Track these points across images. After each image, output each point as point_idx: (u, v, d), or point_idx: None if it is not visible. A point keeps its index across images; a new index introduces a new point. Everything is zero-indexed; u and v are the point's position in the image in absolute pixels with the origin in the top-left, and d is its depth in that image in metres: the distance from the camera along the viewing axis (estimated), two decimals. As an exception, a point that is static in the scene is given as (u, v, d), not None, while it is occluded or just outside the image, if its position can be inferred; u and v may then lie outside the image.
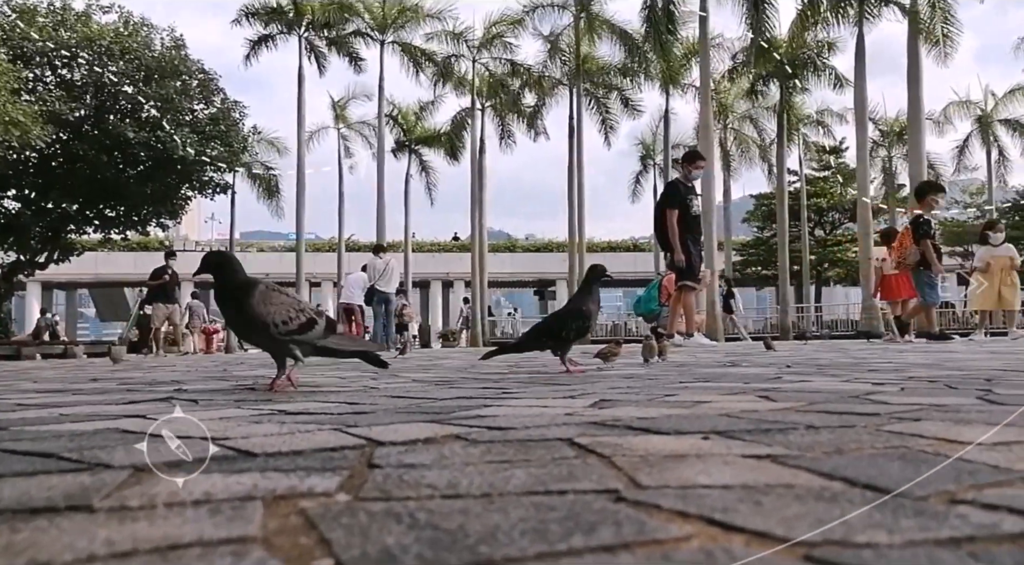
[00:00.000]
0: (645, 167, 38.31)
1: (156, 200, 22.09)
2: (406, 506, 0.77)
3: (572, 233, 31.04)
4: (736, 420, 1.48)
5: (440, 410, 1.81)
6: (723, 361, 5.27)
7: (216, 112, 22.49)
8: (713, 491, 0.83)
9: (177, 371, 5.22)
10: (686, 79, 31.81)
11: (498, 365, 5.26)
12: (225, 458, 1.08)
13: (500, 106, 33.85)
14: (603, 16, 29.20)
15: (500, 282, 44.89)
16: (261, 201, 35.90)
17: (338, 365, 5.71)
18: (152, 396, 2.48)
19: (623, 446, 1.15)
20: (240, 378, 3.77)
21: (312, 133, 35.67)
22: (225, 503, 0.78)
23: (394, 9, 31.24)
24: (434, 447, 1.18)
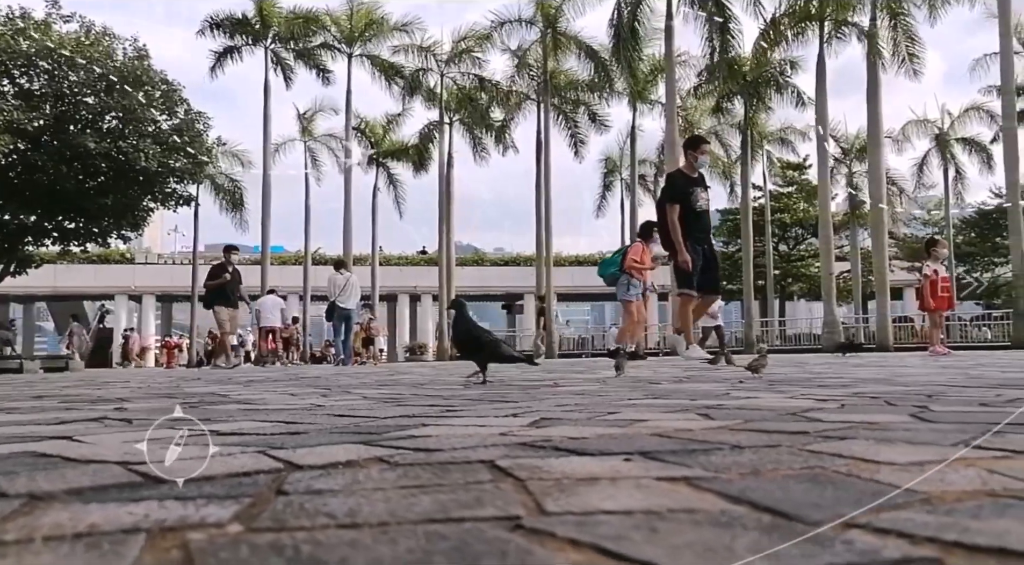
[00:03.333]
0: (610, 183, 38.58)
1: (117, 212, 21.70)
2: (294, 537, 0.76)
3: (540, 247, 31.12)
4: (666, 440, 1.48)
5: (376, 430, 1.79)
6: (681, 376, 5.30)
7: (180, 123, 22.21)
8: (613, 517, 0.83)
9: (129, 387, 5.12)
10: (653, 95, 32.17)
11: (456, 381, 5.24)
12: (130, 485, 1.05)
13: (468, 120, 33.91)
14: (570, 32, 29.43)
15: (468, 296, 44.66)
16: (225, 213, 35.52)
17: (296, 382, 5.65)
18: (87, 416, 2.42)
19: (542, 469, 1.15)
20: (188, 396, 3.71)
21: (278, 145, 35.45)
22: (107, 536, 0.76)
23: (361, 22, 31.21)
24: (351, 471, 1.16)
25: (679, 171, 7.87)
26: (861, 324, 29.53)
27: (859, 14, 23.94)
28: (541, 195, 31.07)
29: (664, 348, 28.25)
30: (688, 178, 7.61)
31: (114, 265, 39.68)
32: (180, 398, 3.47)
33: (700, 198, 7.54)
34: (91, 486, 1.04)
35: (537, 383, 4.53)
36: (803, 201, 37.73)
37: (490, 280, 44.37)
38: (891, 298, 24.96)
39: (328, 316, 16.11)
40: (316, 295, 30.59)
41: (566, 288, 41.31)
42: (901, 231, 37.66)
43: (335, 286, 15.48)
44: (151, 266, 42.06)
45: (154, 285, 39.79)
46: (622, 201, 38.14)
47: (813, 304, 37.29)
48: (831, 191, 26.88)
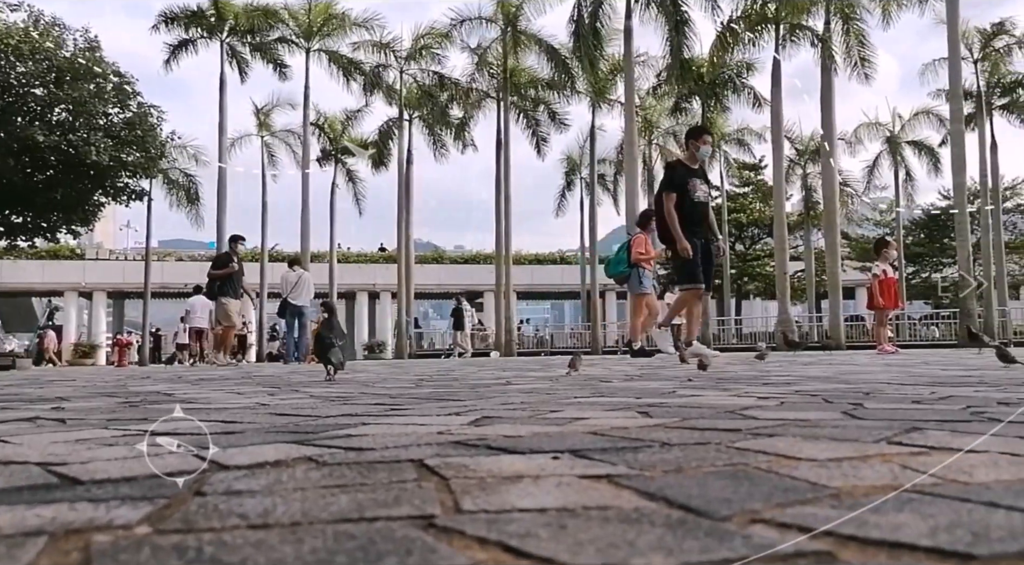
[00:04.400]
0: (571, 182, 38.75)
1: (67, 206, 21.19)
2: (200, 539, 0.75)
3: (499, 245, 31.15)
4: (599, 438, 1.50)
5: (313, 429, 1.78)
6: (633, 374, 5.35)
7: (132, 116, 21.73)
8: (526, 515, 0.83)
9: (74, 385, 5.01)
10: (613, 95, 32.39)
11: (409, 379, 5.22)
12: (46, 486, 1.03)
13: (428, 117, 33.80)
14: (530, 31, 29.50)
15: (428, 293, 44.70)
16: (180, 209, 34.90)
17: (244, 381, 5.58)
18: (21, 415, 2.36)
19: (469, 467, 1.15)
20: (131, 394, 3.64)
21: (234, 140, 34.95)
22: (6, 540, 0.74)
23: (320, 17, 30.91)
24: (277, 471, 1.15)
25: (679, 161, 7.68)
26: (814, 323, 30.09)
27: (814, 18, 24.42)
28: (501, 193, 31.10)
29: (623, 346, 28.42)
30: (688, 168, 7.41)
31: (64, 261, 38.75)
32: (122, 397, 3.41)
33: (698, 189, 7.37)
34: (4, 488, 1.02)
35: (490, 382, 4.54)
36: (759, 201, 38.34)
37: (450, 278, 44.29)
38: (843, 297, 25.50)
39: (280, 313, 16.00)
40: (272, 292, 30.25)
41: (526, 286, 41.45)
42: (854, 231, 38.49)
43: (287, 283, 15.42)
44: (102, 262, 41.13)
45: (105, 282, 38.95)
46: (582, 200, 38.37)
47: (768, 303, 37.91)
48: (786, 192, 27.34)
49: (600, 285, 33.59)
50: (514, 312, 32.64)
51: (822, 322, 29.91)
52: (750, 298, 41.21)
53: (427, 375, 5.94)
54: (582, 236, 38.34)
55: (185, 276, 39.56)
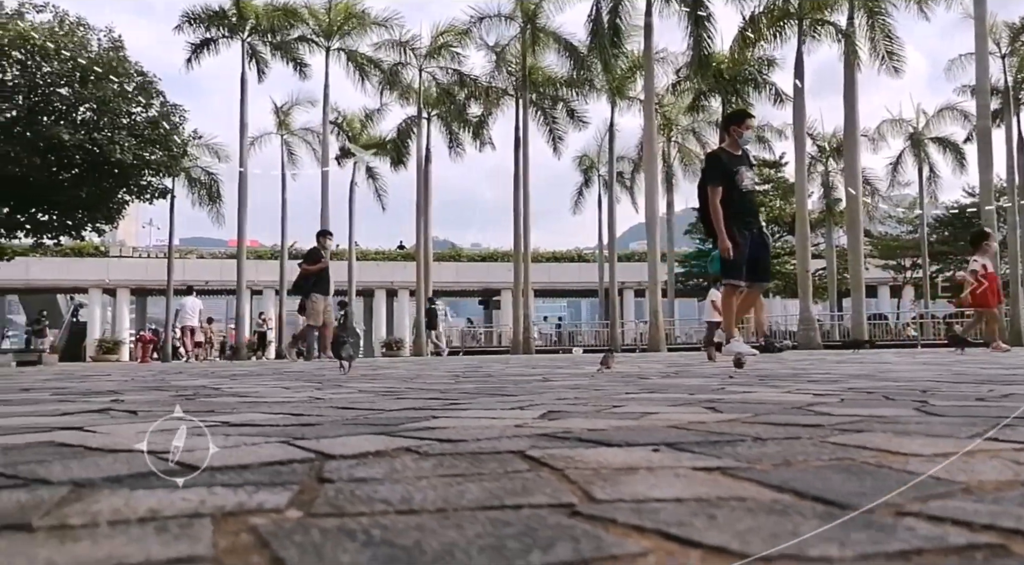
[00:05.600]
0: (588, 180, 38.67)
1: (91, 204, 21.39)
2: (359, 522, 0.76)
3: (517, 243, 31.12)
4: (684, 432, 1.50)
5: (388, 422, 1.79)
6: (666, 371, 5.34)
7: (155, 115, 21.88)
8: (667, 505, 0.84)
9: (115, 380, 5.06)
10: (631, 92, 32.27)
11: (443, 375, 5.24)
12: (168, 473, 1.05)
13: (446, 115, 33.83)
14: (549, 28, 29.43)
15: (446, 291, 44.74)
16: (201, 207, 35.16)
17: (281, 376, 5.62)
18: (87, 407, 2.40)
19: (575, 459, 1.16)
20: (180, 388, 3.67)
21: (255, 139, 35.13)
22: (172, 520, 0.76)
23: (340, 16, 30.99)
24: (385, 460, 1.16)
25: (721, 149, 7.24)
26: (836, 321, 29.87)
27: (837, 13, 24.20)
28: (519, 191, 31.06)
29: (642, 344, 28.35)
30: (731, 156, 7.01)
31: (88, 258, 39.09)
32: (171, 391, 3.44)
33: (745, 177, 6.98)
34: (129, 474, 1.03)
35: (528, 378, 4.55)
36: (779, 199, 38.08)
37: (467, 275, 44.33)
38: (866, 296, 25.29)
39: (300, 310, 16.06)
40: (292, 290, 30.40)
41: (543, 284, 41.36)
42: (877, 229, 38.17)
43: None
44: (126, 259, 41.47)
45: (129, 279, 39.28)
46: (599, 198, 38.25)
47: (788, 301, 37.67)
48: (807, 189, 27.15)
49: (618, 283, 33.53)
50: (532, 310, 32.59)
51: (843, 321, 29.71)
52: (770, 296, 40.95)
53: (459, 372, 5.96)
54: (600, 234, 38.25)
55: (207, 273, 39.88)
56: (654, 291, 25.31)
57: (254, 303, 37.90)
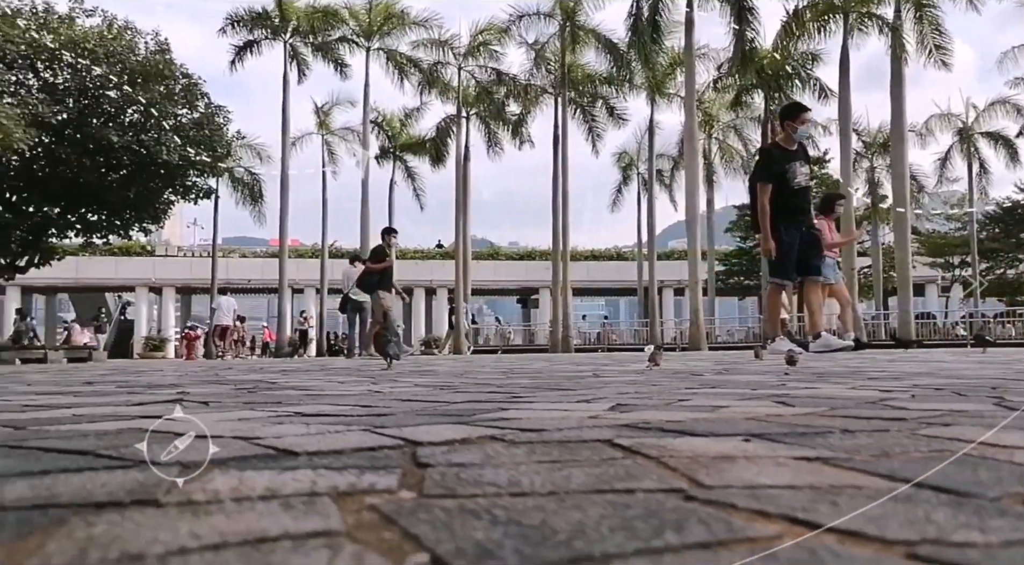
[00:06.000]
0: (627, 178, 38.47)
1: (139, 205, 21.84)
2: (477, 503, 0.76)
3: (556, 241, 31.05)
4: (765, 424, 1.48)
5: (458, 412, 1.79)
6: (716, 369, 5.29)
7: (200, 117, 22.29)
8: (782, 491, 0.82)
9: (170, 375, 5.16)
10: (671, 88, 32.02)
11: (491, 372, 5.25)
12: (267, 456, 1.06)
13: (485, 114, 33.89)
14: (588, 25, 29.31)
15: (483, 290, 44.88)
16: (243, 206, 35.69)
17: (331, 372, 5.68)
18: (157, 399, 2.44)
19: (667, 447, 1.14)
20: (237, 382, 3.73)
21: (296, 139, 35.56)
22: (293, 498, 0.76)
23: (380, 16, 31.23)
24: (475, 447, 1.16)
25: (775, 144, 7.05)
26: (882, 320, 29.32)
27: (883, 6, 23.73)
28: (558, 189, 30.99)
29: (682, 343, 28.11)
30: (785, 152, 6.81)
31: (135, 257, 39.95)
32: (231, 384, 3.49)
33: (798, 174, 6.76)
34: (229, 457, 1.04)
35: (580, 375, 4.53)
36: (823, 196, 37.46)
37: (505, 274, 44.39)
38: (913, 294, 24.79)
39: (342, 308, 16.20)
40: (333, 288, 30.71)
41: (581, 282, 41.22)
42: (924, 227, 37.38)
43: (348, 279, 15.59)
44: (171, 259, 42.30)
45: (174, 277, 40.06)
46: (638, 196, 38.03)
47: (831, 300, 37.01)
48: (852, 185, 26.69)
49: (657, 281, 33.30)
50: (571, 308, 32.49)
51: (889, 319, 29.15)
52: (812, 295, 40.29)
53: (506, 369, 5.96)
54: (639, 232, 38.03)
55: (249, 272, 40.49)
56: (695, 290, 25.08)
57: (295, 302, 38.36)
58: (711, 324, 31.86)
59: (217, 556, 0.57)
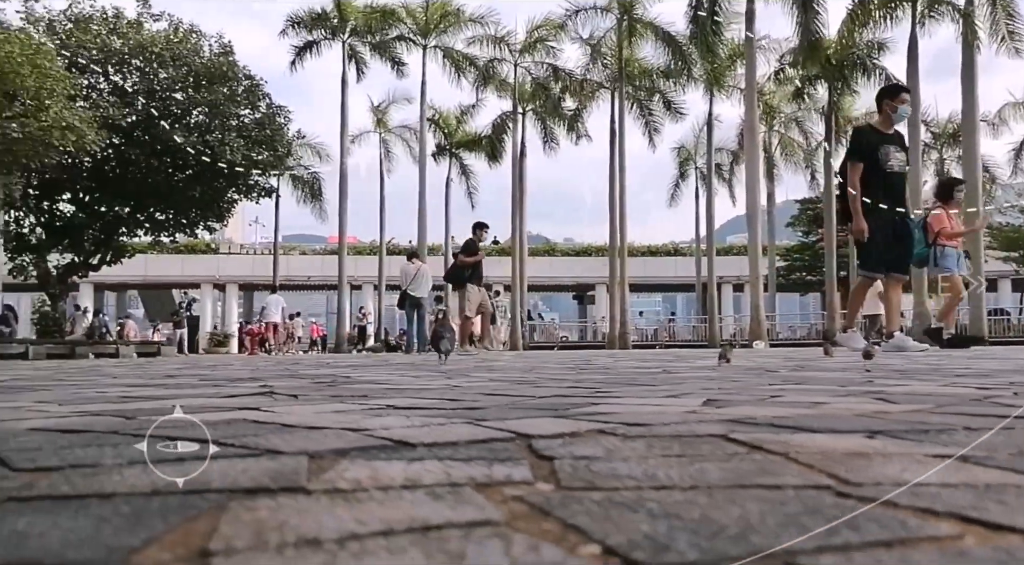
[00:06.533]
0: (684, 172, 38.01)
1: (204, 203, 22.41)
2: (623, 496, 0.74)
3: (613, 237, 30.84)
4: (878, 421, 1.42)
5: (550, 406, 1.78)
6: (788, 365, 5.17)
7: (262, 117, 22.74)
8: (940, 489, 0.78)
9: (241, 369, 5.27)
10: (730, 81, 31.50)
11: (557, 368, 5.22)
12: (386, 447, 1.05)
13: (541, 110, 33.82)
14: (646, 19, 29.02)
15: (539, 286, 44.85)
16: (303, 204, 36.32)
17: (396, 367, 5.73)
18: (244, 391, 2.48)
19: (790, 443, 1.10)
20: (313, 376, 3.78)
21: (354, 137, 36.02)
22: (438, 488, 0.75)
23: (436, 14, 31.42)
24: (588, 441, 1.14)
25: (869, 125, 6.80)
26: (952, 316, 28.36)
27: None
28: (615, 184, 30.77)
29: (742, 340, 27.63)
30: (879, 134, 6.53)
31: (200, 255, 41.05)
32: (308, 378, 3.54)
33: (892, 158, 6.43)
34: (349, 447, 1.04)
35: (650, 371, 4.48)
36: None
37: (561, 270, 44.28)
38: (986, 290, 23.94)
39: (400, 304, 16.35)
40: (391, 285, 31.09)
41: (638, 278, 40.86)
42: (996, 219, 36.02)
43: (407, 276, 15.73)
44: (234, 256, 43.34)
45: (237, 275, 41.03)
46: (696, 190, 37.56)
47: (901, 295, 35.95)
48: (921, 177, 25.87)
49: (716, 277, 32.84)
50: (628, 305, 32.23)
51: (960, 316, 28.19)
52: (878, 291, 39.27)
53: (572, 365, 5.93)
54: (697, 227, 37.54)
55: (309, 269, 41.21)
56: (755, 285, 24.66)
57: (354, 298, 38.90)
58: (771, 321, 31.30)
59: (390, 542, 0.56)
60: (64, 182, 20.31)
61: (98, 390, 2.60)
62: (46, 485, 0.80)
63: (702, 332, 33.06)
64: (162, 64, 21.07)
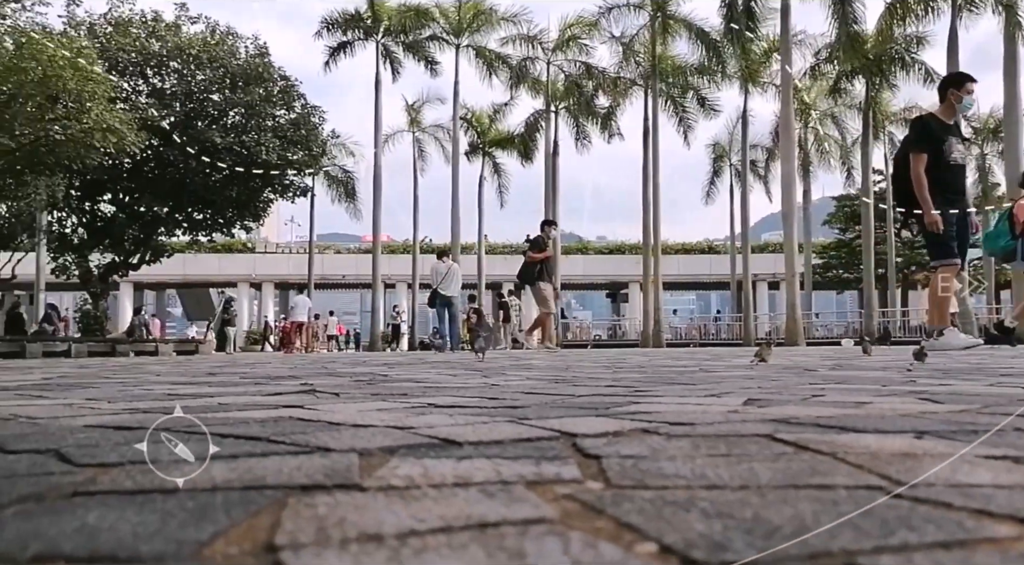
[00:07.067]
0: (719, 169, 37.67)
1: (241, 203, 22.70)
2: (675, 495, 0.74)
3: (646, 235, 30.67)
4: (925, 421, 1.41)
5: (591, 405, 1.78)
6: (826, 364, 5.11)
7: (297, 117, 22.98)
8: (993, 490, 0.77)
9: (279, 368, 5.33)
10: (765, 77, 31.17)
11: (593, 367, 5.22)
12: (434, 446, 1.07)
13: (574, 108, 33.75)
14: (679, 15, 28.83)
15: (573, 284, 44.78)
16: (337, 204, 36.63)
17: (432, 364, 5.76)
18: (286, 389, 2.52)
19: (837, 443, 1.10)
20: (351, 375, 3.82)
21: (387, 137, 36.25)
22: (489, 486, 0.76)
23: (469, 13, 31.49)
24: (633, 440, 1.14)
25: (931, 115, 6.50)
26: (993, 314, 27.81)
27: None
28: (648, 182, 30.61)
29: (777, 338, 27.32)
30: (942, 124, 6.32)
31: (237, 254, 41.65)
32: (347, 376, 3.58)
33: (955, 149, 6.24)
34: (396, 445, 1.06)
35: (686, 369, 4.46)
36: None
37: (595, 269, 44.17)
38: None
39: (431, 303, 16.38)
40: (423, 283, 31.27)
41: (672, 277, 40.61)
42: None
43: (437, 274, 15.77)
44: (270, 255, 43.91)
45: (273, 273, 41.57)
46: (731, 187, 37.18)
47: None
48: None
49: (751, 275, 32.51)
50: (662, 303, 32.03)
51: (1000, 314, 27.61)
52: (917, 289, 38.59)
53: (607, 363, 5.91)
54: (732, 224, 37.19)
55: (344, 268, 41.58)
56: (792, 283, 24.38)
57: (388, 297, 39.17)
58: (808, 319, 30.91)
59: (450, 539, 0.57)
60: (105, 183, 20.73)
61: (144, 388, 2.65)
62: (108, 480, 0.82)
63: (736, 330, 32.76)
64: (199, 66, 21.39)
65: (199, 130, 20.82)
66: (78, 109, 14.97)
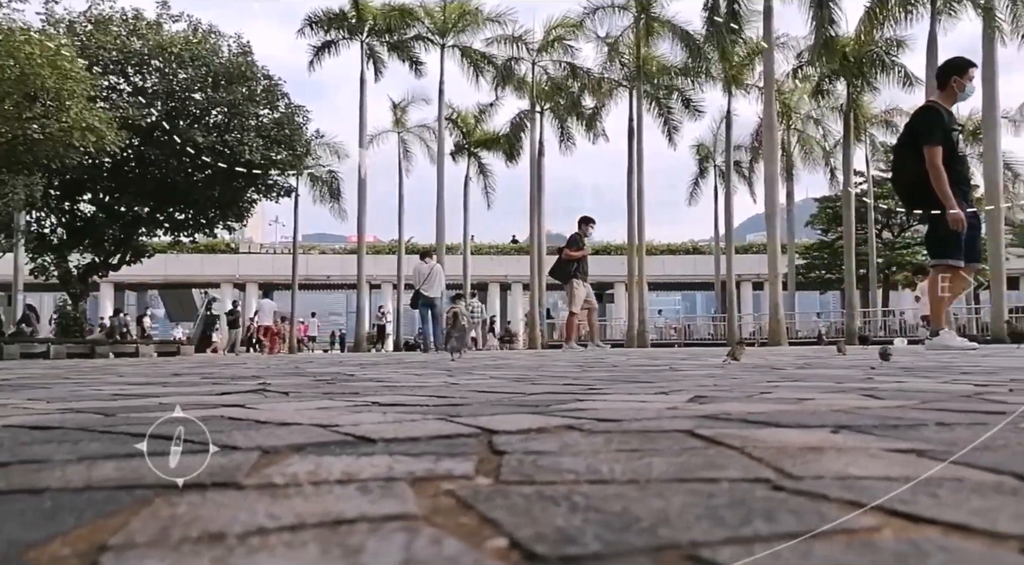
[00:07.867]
0: (703, 170, 37.81)
1: (223, 203, 22.57)
2: (555, 490, 0.74)
3: (631, 236, 30.74)
4: (854, 416, 1.42)
5: (534, 403, 1.78)
6: (797, 363, 5.14)
7: (280, 117, 22.85)
8: (877, 483, 0.78)
9: (250, 368, 5.31)
10: (749, 79, 31.31)
11: (567, 365, 5.22)
12: (344, 443, 1.06)
13: (559, 108, 33.78)
14: (663, 17, 28.90)
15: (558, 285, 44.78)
16: (322, 204, 36.46)
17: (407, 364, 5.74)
18: (240, 389, 2.51)
19: (750, 438, 1.10)
20: (317, 374, 3.80)
21: (372, 137, 36.13)
22: (370, 482, 0.76)
23: (454, 13, 31.46)
24: (551, 436, 1.14)
25: (938, 103, 6.25)
26: (972, 314, 28.06)
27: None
28: (633, 182, 30.67)
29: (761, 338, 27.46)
30: (949, 113, 6.13)
31: (220, 255, 41.42)
32: (310, 376, 3.56)
33: (960, 140, 6.09)
34: (308, 443, 1.06)
35: (657, 368, 4.47)
36: (909, 186, 35.99)
37: (580, 269, 44.13)
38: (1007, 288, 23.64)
39: (413, 304, 16.36)
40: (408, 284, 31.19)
41: (657, 277, 40.72)
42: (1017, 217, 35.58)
43: (420, 275, 15.75)
44: (254, 256, 43.70)
45: (257, 274, 41.37)
46: (715, 188, 37.33)
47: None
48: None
49: (735, 275, 32.65)
50: (647, 303, 32.11)
51: (980, 314, 27.89)
52: (898, 289, 38.88)
53: (581, 362, 5.92)
54: (716, 225, 37.33)
55: (329, 268, 41.43)
56: (774, 283, 24.50)
57: (373, 297, 39.06)
58: (791, 319, 31.08)
59: (295, 536, 0.56)
60: (84, 182, 20.54)
61: (96, 388, 2.63)
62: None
63: (721, 330, 32.88)
64: (181, 64, 21.22)
65: (181, 129, 20.66)
66: (57, 107, 14.83)
